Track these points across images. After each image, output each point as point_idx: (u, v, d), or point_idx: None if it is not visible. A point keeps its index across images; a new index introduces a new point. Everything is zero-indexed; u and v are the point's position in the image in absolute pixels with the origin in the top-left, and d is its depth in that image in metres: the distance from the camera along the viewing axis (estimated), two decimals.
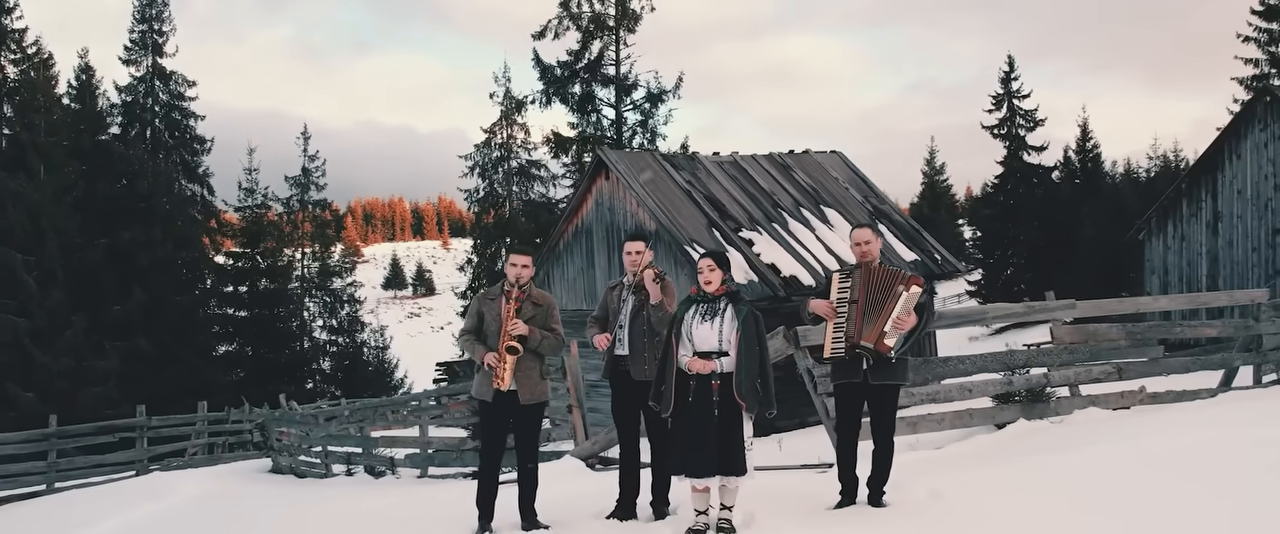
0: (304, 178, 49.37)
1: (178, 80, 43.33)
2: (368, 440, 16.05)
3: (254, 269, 42.33)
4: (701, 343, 6.28)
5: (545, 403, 7.29)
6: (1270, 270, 21.73)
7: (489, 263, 45.98)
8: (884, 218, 22.53)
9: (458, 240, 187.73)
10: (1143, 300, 12.69)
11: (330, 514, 10.37)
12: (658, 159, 21.41)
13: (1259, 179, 22.02)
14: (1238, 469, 6.80)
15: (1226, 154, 22.74)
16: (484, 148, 46.01)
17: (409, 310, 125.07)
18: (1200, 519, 5.90)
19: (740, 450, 6.25)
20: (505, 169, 46.22)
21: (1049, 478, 7.19)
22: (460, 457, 13.75)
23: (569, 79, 40.66)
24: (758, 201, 21.25)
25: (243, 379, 38.55)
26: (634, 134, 40.78)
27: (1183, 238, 23.40)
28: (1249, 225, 22.26)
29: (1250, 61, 40.56)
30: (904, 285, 6.63)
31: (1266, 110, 22.19)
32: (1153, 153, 68.16)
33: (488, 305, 7.10)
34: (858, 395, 6.87)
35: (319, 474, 16.80)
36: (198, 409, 23.91)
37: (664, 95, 40.51)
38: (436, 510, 9.28)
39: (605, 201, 21.01)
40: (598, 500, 7.79)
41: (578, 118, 41.06)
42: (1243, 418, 9.34)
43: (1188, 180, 23.66)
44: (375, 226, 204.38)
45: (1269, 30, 39.84)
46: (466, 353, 7.20)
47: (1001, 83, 49.52)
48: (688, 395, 6.27)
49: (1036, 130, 49.53)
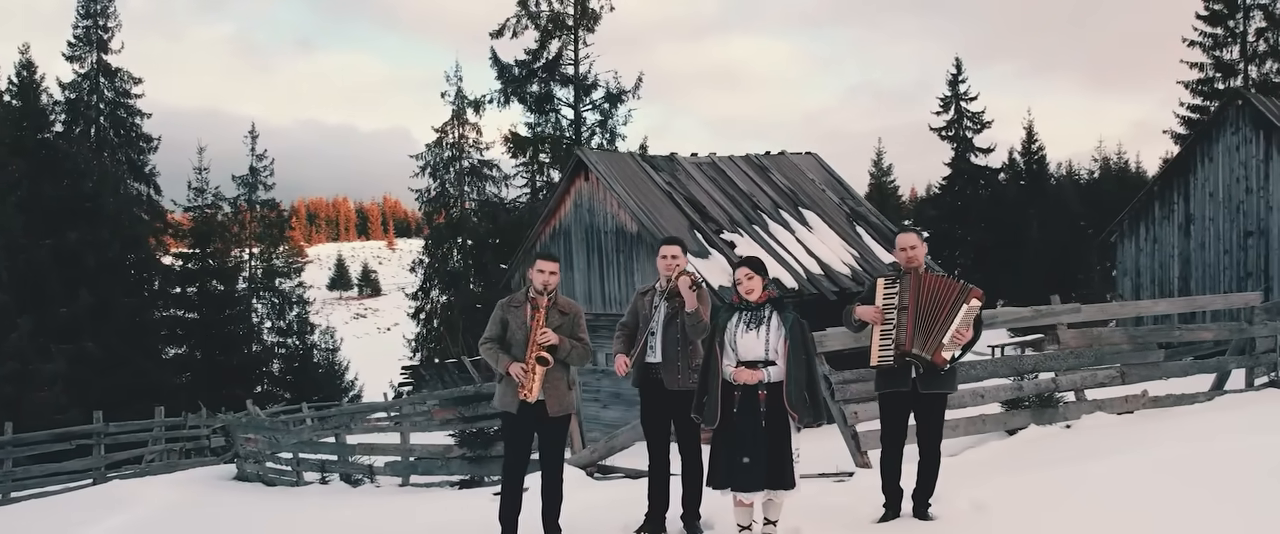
0: (252, 177, 48.58)
1: (123, 77, 42.23)
2: (344, 447, 15.59)
3: (204, 270, 41.40)
4: (746, 352, 6.05)
5: (571, 415, 7.02)
6: (1242, 273, 22.01)
7: (440, 264, 45.53)
8: (861, 220, 22.48)
9: (404, 241, 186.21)
10: (1142, 303, 12.70)
11: (326, 526, 10.00)
12: (637, 160, 21.19)
13: (1230, 182, 22.31)
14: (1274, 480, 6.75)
15: (1198, 157, 23.02)
16: (435, 147, 45.52)
17: (355, 311, 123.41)
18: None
19: (789, 463, 6.05)
20: (457, 169, 45.70)
21: (1087, 488, 7.11)
22: (446, 465, 13.40)
23: (527, 78, 40.42)
24: (737, 203, 21.11)
25: (193, 383, 37.68)
26: (593, 134, 40.62)
27: (1155, 240, 23.64)
28: (1221, 228, 22.52)
29: (1196, 66, 41.15)
30: (964, 298, 6.44)
31: (1238, 113, 22.48)
32: (1098, 154, 69.37)
33: (512, 313, 6.82)
34: (905, 405, 6.69)
35: (290, 482, 16.35)
36: (155, 414, 23.24)
37: (623, 95, 40.42)
38: (447, 521, 8.99)
39: (584, 202, 20.73)
40: (616, 512, 7.54)
41: (536, 118, 40.80)
42: (1258, 424, 9.36)
43: (1160, 183, 23.93)
44: (319, 227, 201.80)
45: (1214, 35, 40.46)
46: (490, 362, 6.89)
47: (949, 85, 50.11)
48: (733, 406, 6.05)
49: (983, 132, 50.11)
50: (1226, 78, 40.64)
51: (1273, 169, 21.73)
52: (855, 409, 8.91)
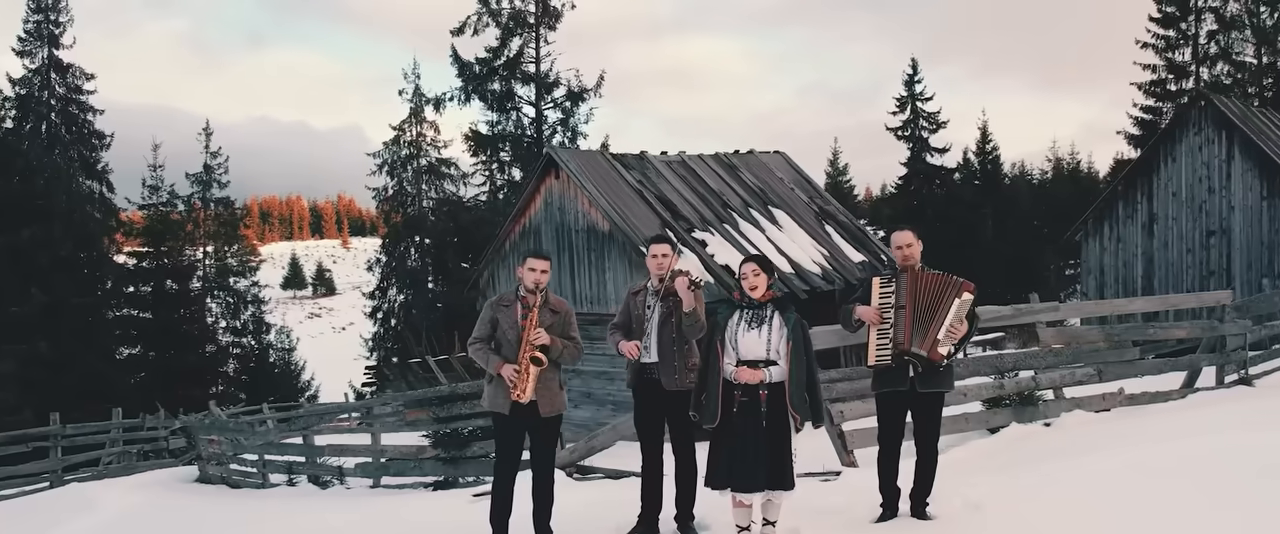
0: (206, 175, 47.99)
1: (75, 73, 41.43)
2: (312, 448, 15.34)
3: (159, 269, 40.73)
4: (748, 351, 5.98)
5: (562, 415, 6.91)
6: (1204, 271, 22.31)
7: (398, 263, 45.21)
8: (830, 218, 22.53)
9: (359, 240, 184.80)
10: (1118, 302, 12.83)
11: (311, 529, 9.81)
12: (608, 158, 21.05)
13: (1193, 182, 22.59)
14: (1261, 478, 6.80)
15: (1162, 157, 23.29)
16: (393, 146, 45.26)
17: (309, 311, 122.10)
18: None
19: (789, 463, 5.99)
20: (415, 167, 45.41)
21: (1081, 486, 7.13)
22: (419, 466, 13.21)
23: (488, 76, 40.22)
24: (707, 202, 21.07)
25: (147, 383, 37.07)
26: (554, 133, 40.58)
27: (1119, 239, 23.90)
28: (1184, 227, 22.81)
29: (1149, 67, 41.74)
30: (956, 292, 6.41)
31: (1201, 115, 22.76)
32: (1051, 155, 70.24)
33: (502, 312, 6.71)
34: (902, 404, 6.66)
35: (256, 484, 16.06)
36: (112, 416, 22.76)
37: (585, 93, 40.38)
38: (432, 523, 8.84)
39: (555, 201, 20.58)
40: (608, 513, 7.45)
41: (497, 116, 40.57)
42: (1238, 421, 9.45)
43: (1124, 183, 24.18)
44: (273, 225, 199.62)
45: (1166, 37, 41.05)
46: (480, 363, 6.76)
47: (905, 85, 50.41)
48: (733, 406, 5.97)
49: (939, 132, 50.53)
50: (1179, 79, 41.32)
51: (1234, 169, 22.04)
52: (841, 408, 8.90)
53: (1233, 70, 40.78)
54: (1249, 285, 21.02)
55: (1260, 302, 13.73)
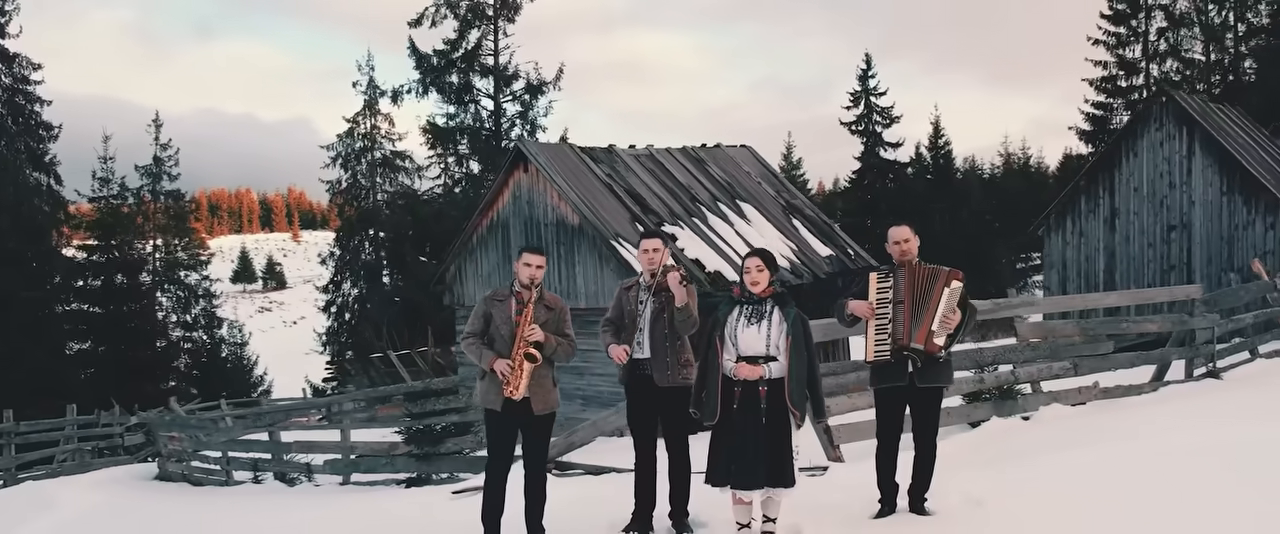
0: (156, 167, 47.21)
1: (22, 63, 40.40)
2: (278, 445, 15.11)
3: (109, 263, 39.96)
4: (747, 347, 5.93)
5: (555, 413, 6.83)
6: (1165, 266, 22.65)
7: (352, 256, 44.76)
8: (797, 212, 22.57)
9: (309, 233, 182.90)
10: (1093, 297, 12.95)
11: (295, 527, 9.61)
12: (576, 152, 20.92)
13: (1155, 177, 22.92)
14: (1244, 469, 6.94)
15: (1124, 152, 23.60)
16: (346, 138, 44.76)
17: (260, 305, 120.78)
18: (1245, 521, 5.98)
19: (789, 460, 5.95)
20: (369, 160, 44.94)
21: (1068, 480, 7.17)
22: (391, 463, 13.03)
23: (446, 68, 40.08)
24: (676, 196, 21.01)
25: (98, 379, 36.38)
26: (512, 126, 40.49)
27: (1082, 234, 24.18)
28: (1145, 222, 23.13)
29: (1100, 63, 42.28)
30: (945, 282, 6.40)
31: (1162, 110, 23.10)
32: (1003, 150, 71.02)
33: (495, 307, 6.61)
34: (901, 400, 6.63)
35: (219, 482, 15.81)
36: (67, 412, 22.33)
37: (544, 86, 40.30)
38: (413, 520, 8.71)
39: (524, 194, 20.41)
40: (601, 511, 7.37)
41: (455, 108, 40.36)
42: (1214, 415, 9.58)
43: (1086, 178, 24.47)
44: (222, 218, 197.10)
45: (1117, 34, 41.60)
46: (472, 358, 6.66)
47: (859, 80, 50.79)
48: (732, 403, 5.92)
49: (892, 127, 50.90)
50: (1129, 75, 41.96)
51: (1195, 165, 22.39)
52: (827, 403, 8.86)
53: (1182, 67, 41.49)
54: (1209, 279, 21.39)
55: (1226, 295, 13.88)
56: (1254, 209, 21.59)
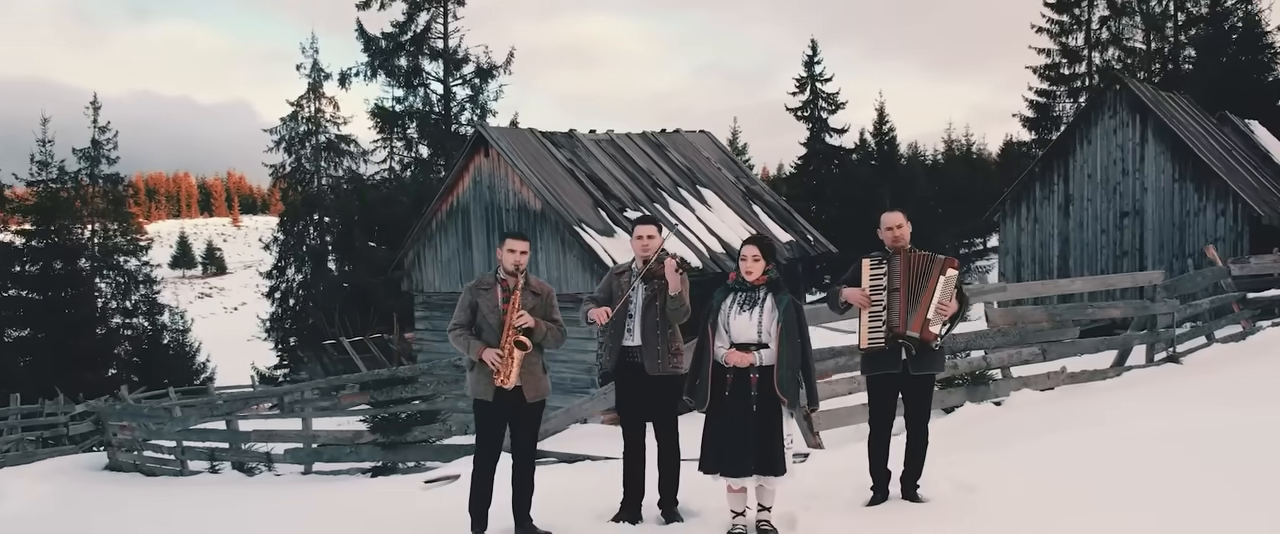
0: (94, 150, 46.13)
1: None
2: (236, 434, 14.83)
3: (48, 248, 39.01)
4: (739, 334, 5.89)
5: (545, 400, 6.74)
6: (1118, 251, 23.01)
7: (296, 241, 44.15)
8: (756, 198, 22.57)
9: (250, 217, 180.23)
10: (1060, 282, 13.06)
11: (264, 520, 9.42)
12: (538, 137, 20.72)
13: (1108, 163, 23.24)
14: (1212, 454, 7.07)
15: (1078, 139, 23.90)
16: (290, 121, 44.02)
17: (200, 291, 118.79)
18: (1215, 504, 6.06)
19: (780, 448, 5.90)
20: (313, 144, 44.28)
21: (1050, 466, 7.24)
22: (356, 451, 12.84)
23: (395, 51, 39.57)
24: (637, 181, 20.92)
25: (36, 367, 35.54)
26: (462, 110, 40.18)
27: (1036, 220, 24.47)
28: (1099, 208, 23.47)
29: (1043, 51, 42.76)
30: (941, 269, 6.39)
31: (1116, 98, 23.41)
32: (947, 137, 71.86)
33: (481, 296, 6.51)
34: (894, 387, 6.62)
35: (174, 472, 15.51)
36: (10, 401, 21.78)
37: (495, 70, 39.96)
38: (391, 512, 8.56)
39: (484, 179, 20.19)
40: (588, 500, 7.28)
41: (404, 92, 39.93)
42: (1183, 398, 9.74)
43: (1041, 165, 24.75)
44: (160, 203, 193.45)
45: (1061, 22, 42.10)
46: (460, 349, 6.55)
47: (805, 66, 50.93)
48: (724, 390, 5.87)
49: (838, 113, 51.20)
50: (1072, 63, 42.48)
51: (1148, 152, 22.75)
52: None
53: (1123, 55, 42.03)
54: (1161, 265, 21.71)
55: (1185, 281, 14.12)
56: (1205, 196, 21.99)
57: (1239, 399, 9.58)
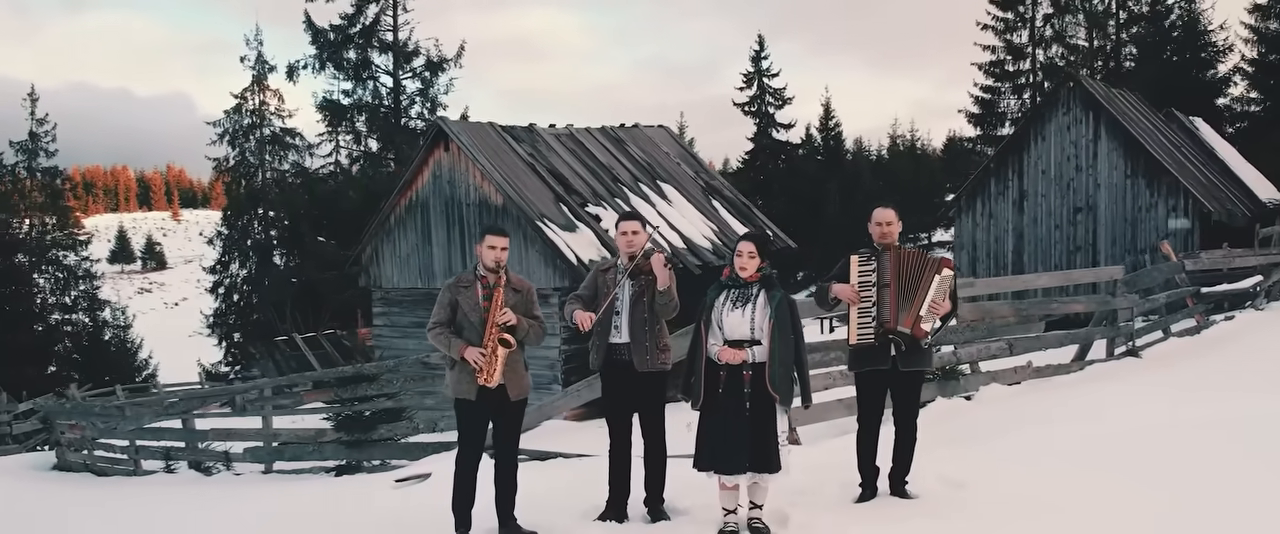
0: (32, 143, 45.10)
1: None
2: (193, 433, 14.52)
3: None
4: (732, 331, 5.85)
5: (527, 398, 6.67)
6: (1071, 246, 23.37)
7: (240, 235, 43.52)
8: (716, 194, 22.58)
9: (190, 211, 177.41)
10: (1026, 277, 13.19)
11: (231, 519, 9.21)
12: (498, 131, 20.53)
13: (1062, 160, 23.59)
14: (1196, 449, 7.23)
15: (1032, 136, 24.22)
16: (234, 114, 43.37)
17: (139, 286, 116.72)
18: (1204, 495, 6.20)
19: (774, 445, 5.88)
20: (258, 137, 43.66)
21: (1037, 459, 7.33)
22: (319, 450, 12.62)
23: (344, 44, 39.11)
24: (598, 176, 20.82)
25: None
26: (412, 103, 39.90)
27: (991, 215, 24.78)
28: (1053, 204, 23.82)
29: (988, 48, 43.28)
30: (935, 269, 6.41)
31: (1070, 95, 23.77)
32: (892, 132, 72.60)
33: (462, 293, 6.42)
34: (883, 383, 6.62)
35: (127, 471, 15.17)
36: None
37: (445, 63, 39.71)
38: (364, 512, 8.41)
39: (444, 174, 19.96)
40: (572, 499, 7.20)
41: (353, 85, 39.54)
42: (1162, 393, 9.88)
43: (996, 161, 25.06)
44: (97, 196, 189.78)
45: (1005, 19, 42.65)
46: (441, 348, 6.45)
47: (752, 61, 51.18)
48: (718, 387, 5.84)
49: (784, 108, 51.44)
50: (1017, 60, 43.02)
51: (1101, 149, 23.12)
52: None
53: (1067, 53, 42.66)
54: (1113, 260, 22.12)
55: (1143, 276, 14.34)
56: (1156, 192, 22.40)
57: (1207, 392, 9.77)
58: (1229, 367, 11.35)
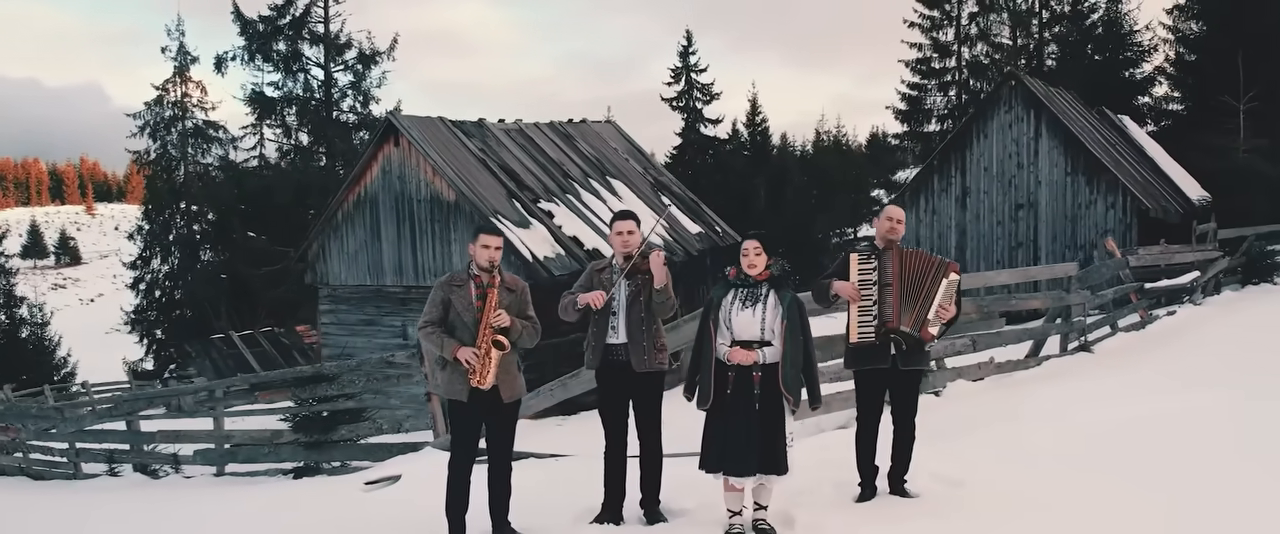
0: None
1: None
2: (138, 435, 14.10)
3: None
4: (742, 331, 5.79)
5: (521, 400, 6.56)
6: (1013, 243, 23.76)
7: (161, 230, 42.47)
8: (665, 189, 22.54)
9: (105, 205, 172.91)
10: (987, 274, 13.35)
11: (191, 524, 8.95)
12: (449, 126, 20.22)
13: (1004, 157, 23.96)
14: (1179, 445, 7.44)
15: (974, 133, 24.56)
16: (155, 106, 42.22)
17: (53, 281, 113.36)
18: (1202, 488, 6.35)
19: (782, 447, 5.85)
20: (180, 129, 42.58)
21: (1024, 451, 7.51)
22: (275, 451, 12.32)
23: (273, 35, 38.25)
24: (548, 172, 20.65)
25: None
26: (344, 97, 39.19)
27: (934, 212, 25.07)
28: (995, 201, 24.18)
29: (915, 46, 43.74)
30: (943, 272, 6.43)
31: (1011, 93, 24.14)
32: (819, 127, 73.22)
33: (455, 293, 6.28)
34: (882, 382, 6.62)
35: (66, 475, 14.70)
36: None
37: (377, 56, 39.06)
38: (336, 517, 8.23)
39: (394, 169, 19.61)
40: (567, 500, 7.11)
41: (283, 77, 38.70)
42: (1119, 388, 10.07)
43: (939, 158, 25.36)
44: (7, 190, 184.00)
45: (931, 17, 43.13)
46: (433, 348, 6.32)
47: (680, 57, 51.10)
48: (726, 388, 5.77)
49: (712, 103, 51.62)
50: (943, 58, 43.50)
51: (1042, 146, 23.53)
52: None
53: (991, 51, 43.28)
54: (1054, 256, 22.57)
55: (1093, 273, 14.61)
56: (1096, 189, 22.87)
57: (1169, 386, 10.01)
58: (1181, 361, 11.64)
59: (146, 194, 44.84)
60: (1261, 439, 7.55)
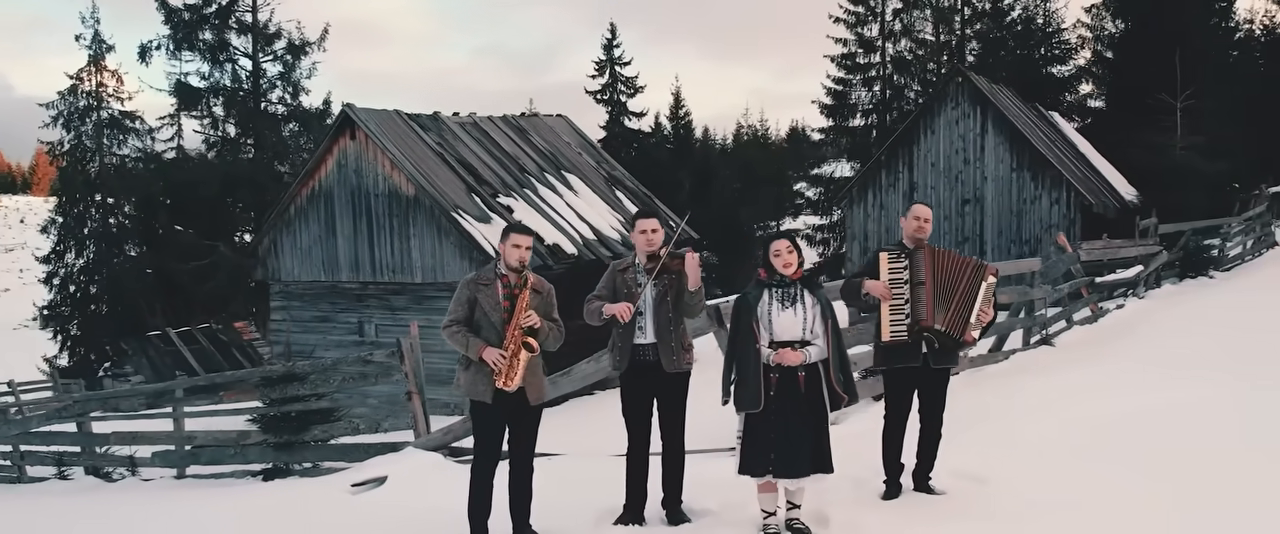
0: None
1: None
2: (90, 436, 13.61)
3: None
4: (783, 332, 5.76)
5: (545, 402, 6.49)
6: (959, 237, 24.18)
7: (76, 223, 41.24)
8: (619, 184, 22.45)
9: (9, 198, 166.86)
10: None
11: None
12: (405, 119, 19.91)
13: (950, 153, 24.35)
14: (1181, 438, 7.59)
15: (922, 129, 24.92)
16: (69, 96, 40.93)
17: None
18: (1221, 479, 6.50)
19: (829, 445, 5.89)
20: (94, 120, 41.36)
21: (1034, 446, 7.64)
22: (241, 452, 11.96)
23: (199, 24, 37.36)
24: (505, 166, 20.44)
25: None
26: (273, 87, 38.42)
27: (882, 206, 25.40)
28: (941, 195, 24.57)
29: (840, 41, 44.20)
30: (982, 275, 6.49)
31: (958, 90, 24.56)
32: (743, 121, 73.81)
33: (482, 292, 6.18)
34: (913, 380, 6.67)
35: (10, 478, 14.16)
36: None
37: (307, 47, 38.40)
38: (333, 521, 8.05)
39: (350, 163, 19.24)
40: (588, 501, 7.02)
41: (209, 67, 37.85)
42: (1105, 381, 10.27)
43: (887, 153, 25.68)
44: None
45: (856, 12, 43.65)
46: (457, 348, 6.20)
47: (604, 49, 51.11)
48: (770, 390, 5.73)
49: (636, 97, 51.71)
50: (868, 53, 44.03)
51: (988, 142, 23.98)
52: None
53: (914, 46, 43.95)
54: (999, 251, 23.04)
55: (1050, 267, 14.92)
56: (1041, 184, 23.38)
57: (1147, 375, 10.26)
58: (1145, 352, 12.00)
59: (58, 185, 43.49)
60: (1265, 429, 7.72)
